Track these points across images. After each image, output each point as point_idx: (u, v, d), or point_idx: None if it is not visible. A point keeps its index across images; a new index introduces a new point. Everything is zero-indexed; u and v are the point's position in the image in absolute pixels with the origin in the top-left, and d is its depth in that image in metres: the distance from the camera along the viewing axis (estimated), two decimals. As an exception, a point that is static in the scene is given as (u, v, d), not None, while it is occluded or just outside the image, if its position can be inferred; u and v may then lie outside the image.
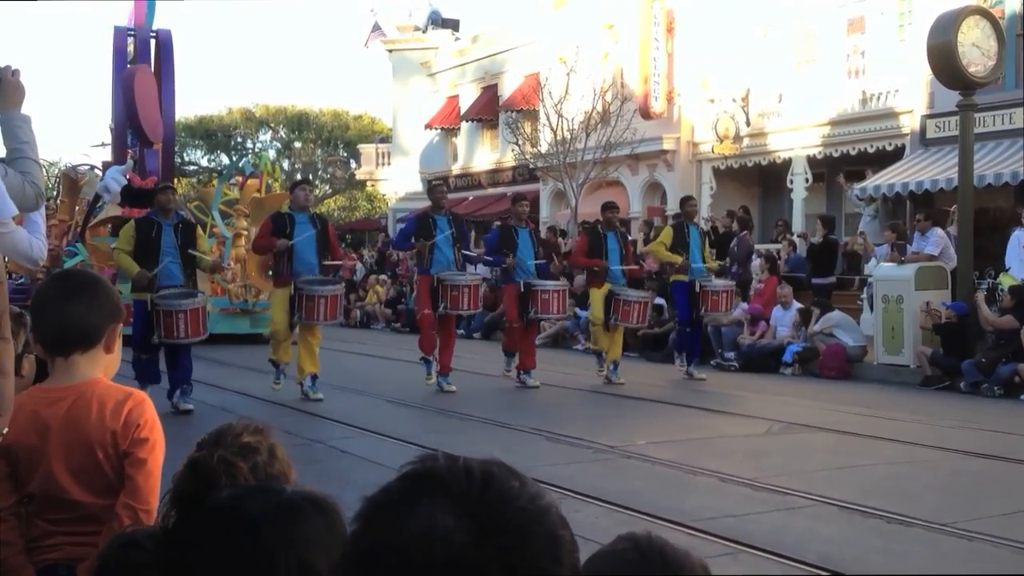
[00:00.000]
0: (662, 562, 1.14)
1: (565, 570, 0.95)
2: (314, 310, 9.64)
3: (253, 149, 46.21)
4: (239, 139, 48.08)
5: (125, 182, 15.91)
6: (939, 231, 13.21)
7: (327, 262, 10.05)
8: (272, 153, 44.53)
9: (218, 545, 1.29)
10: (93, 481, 2.39)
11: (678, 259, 11.75)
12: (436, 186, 11.16)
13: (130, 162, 16.69)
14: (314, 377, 9.86)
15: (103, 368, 2.50)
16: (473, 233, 23.23)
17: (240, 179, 19.65)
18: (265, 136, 48.48)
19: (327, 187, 46.14)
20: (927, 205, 16.44)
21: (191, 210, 19.35)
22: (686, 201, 12.43)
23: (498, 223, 12.96)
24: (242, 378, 11.71)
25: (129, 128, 17.05)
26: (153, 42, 18.03)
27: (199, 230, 10.01)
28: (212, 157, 48.45)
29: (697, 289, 11.63)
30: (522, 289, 10.97)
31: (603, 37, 25.39)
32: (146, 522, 2.29)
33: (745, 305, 14.18)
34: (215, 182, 19.75)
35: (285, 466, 1.79)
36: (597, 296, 11.65)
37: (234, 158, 43.36)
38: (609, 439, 7.54)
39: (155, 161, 16.68)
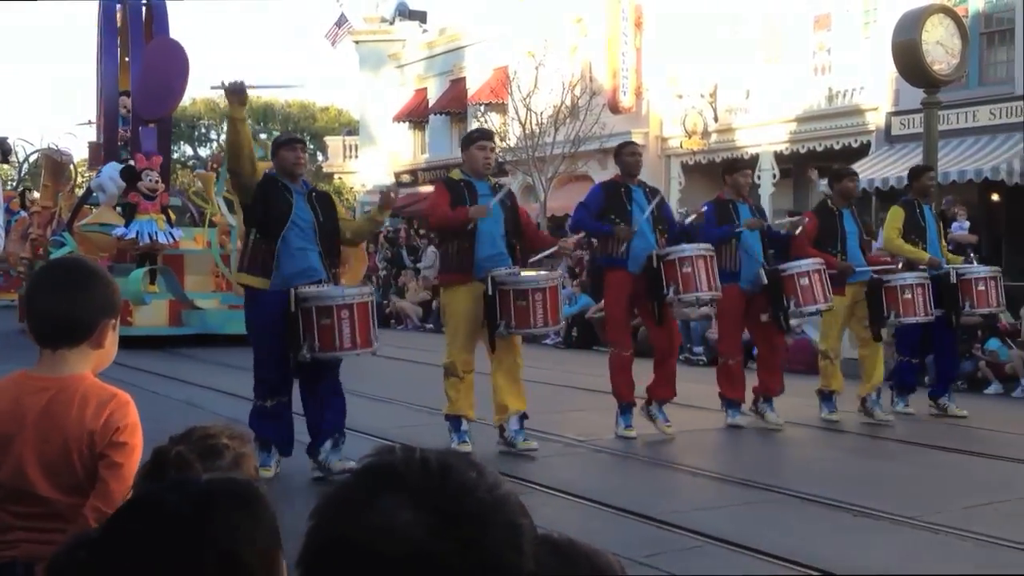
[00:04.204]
0: (587, 564, 1.13)
1: (526, 559, 0.94)
2: (529, 313, 6.60)
3: (217, 140, 45.82)
4: (203, 130, 47.66)
5: (123, 184, 14.90)
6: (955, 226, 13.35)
7: (535, 253, 7.07)
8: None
9: (137, 542, 1.26)
10: (62, 478, 2.32)
11: (925, 256, 8.56)
12: (627, 145, 8.20)
13: (130, 161, 15.58)
14: (523, 417, 6.80)
15: (93, 364, 2.42)
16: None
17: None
18: (230, 127, 48.06)
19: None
20: (892, 201, 16.59)
21: (190, 196, 18.63)
22: (921, 173, 9.01)
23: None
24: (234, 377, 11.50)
25: (129, 106, 16.06)
26: (144, 10, 17.01)
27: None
28: (175, 148, 48.00)
29: (953, 279, 8.54)
30: (654, 264, 7.35)
31: (571, 31, 25.40)
32: None
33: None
34: (219, 167, 18.30)
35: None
36: (830, 314, 8.23)
37: (197, 148, 43.01)
38: (578, 433, 7.55)
39: (152, 140, 15.83)
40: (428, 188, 31.60)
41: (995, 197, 17.82)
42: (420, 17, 34.96)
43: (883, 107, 19.13)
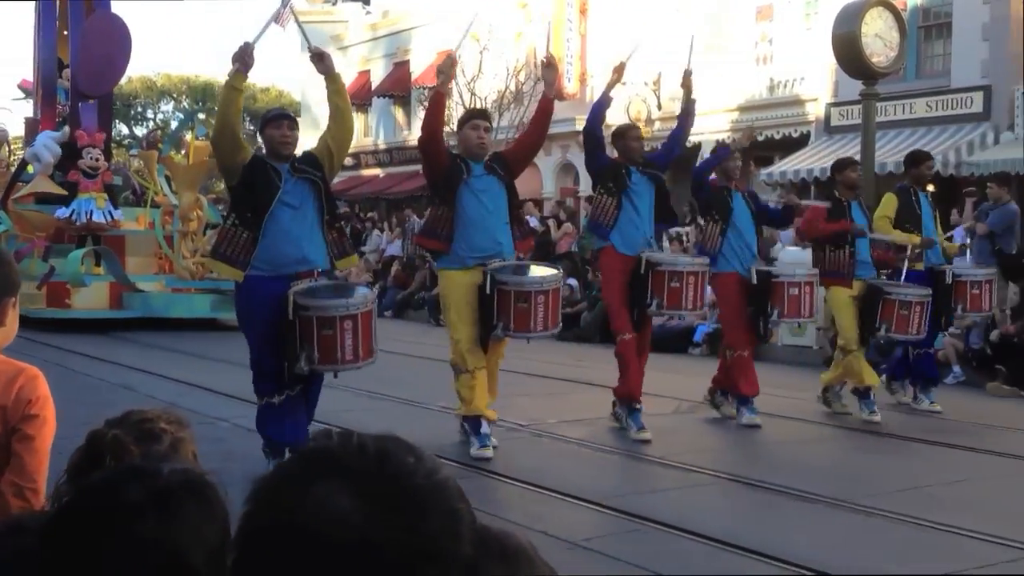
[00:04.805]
0: (499, 550, 1.13)
1: (464, 544, 0.94)
2: (528, 316, 6.10)
3: (154, 119, 45.00)
4: (139, 109, 46.73)
5: (59, 152, 14.31)
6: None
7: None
8: (174, 124, 43.28)
9: (85, 531, 1.24)
10: None
11: (916, 239, 8.39)
12: (631, 128, 7.71)
13: (65, 129, 15.03)
14: (486, 422, 6.34)
15: None
16: (394, 219, 23.09)
17: (191, 141, 16.43)
18: (167, 106, 47.22)
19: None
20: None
21: (133, 176, 18.14)
22: (920, 160, 8.87)
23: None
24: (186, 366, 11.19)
25: (70, 78, 15.38)
26: None
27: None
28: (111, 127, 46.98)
29: (948, 280, 8.32)
30: (642, 271, 6.98)
31: (517, 16, 25.35)
32: (32, 501, 2.22)
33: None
34: (161, 144, 16.88)
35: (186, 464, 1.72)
36: (842, 295, 8.01)
37: (133, 127, 42.12)
38: (520, 417, 7.57)
39: (92, 116, 15.19)
40: (371, 171, 31.41)
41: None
42: (363, -1, 34.69)
43: (823, 98, 19.41)
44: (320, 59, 5.96)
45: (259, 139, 6.04)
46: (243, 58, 5.65)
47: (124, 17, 15.27)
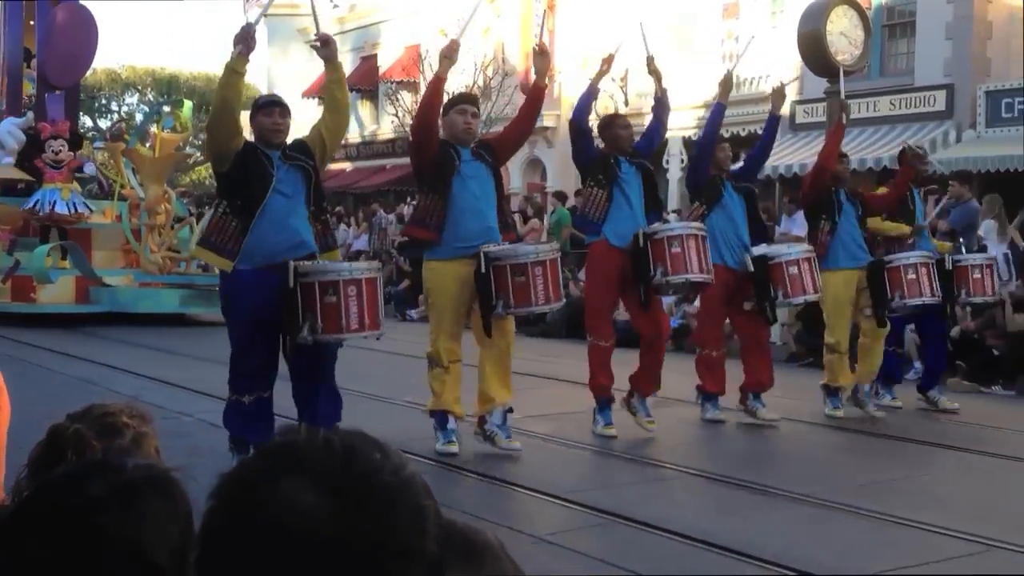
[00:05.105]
0: (465, 547, 1.13)
1: (429, 541, 0.94)
2: (528, 289, 5.92)
3: (119, 112, 44.44)
4: (104, 101, 46.14)
5: (23, 138, 13.96)
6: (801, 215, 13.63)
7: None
8: (139, 117, 42.72)
9: (46, 527, 1.22)
10: None
11: (906, 229, 8.43)
12: (618, 117, 7.65)
13: (30, 114, 14.72)
14: (508, 411, 6.19)
15: None
16: (361, 213, 22.93)
17: (157, 134, 15.88)
18: (132, 99, 46.66)
19: (198, 153, 44.80)
20: (795, 188, 16.99)
21: (100, 170, 17.86)
22: (915, 156, 8.67)
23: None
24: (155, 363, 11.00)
25: (36, 68, 15.24)
26: None
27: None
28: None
29: (949, 266, 8.12)
30: (640, 244, 6.74)
31: (485, 11, 25.31)
32: None
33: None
34: (127, 136, 16.64)
35: (150, 459, 1.71)
36: (839, 286, 7.81)
37: (98, 120, 41.55)
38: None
39: (59, 107, 15.12)
40: (338, 165, 31.21)
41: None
42: (331, -8, 34.41)
43: (788, 95, 19.53)
44: (325, 44, 5.70)
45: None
46: (246, 40, 5.33)
47: (89, 8, 15.12)
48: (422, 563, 0.93)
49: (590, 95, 7.32)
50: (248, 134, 5.63)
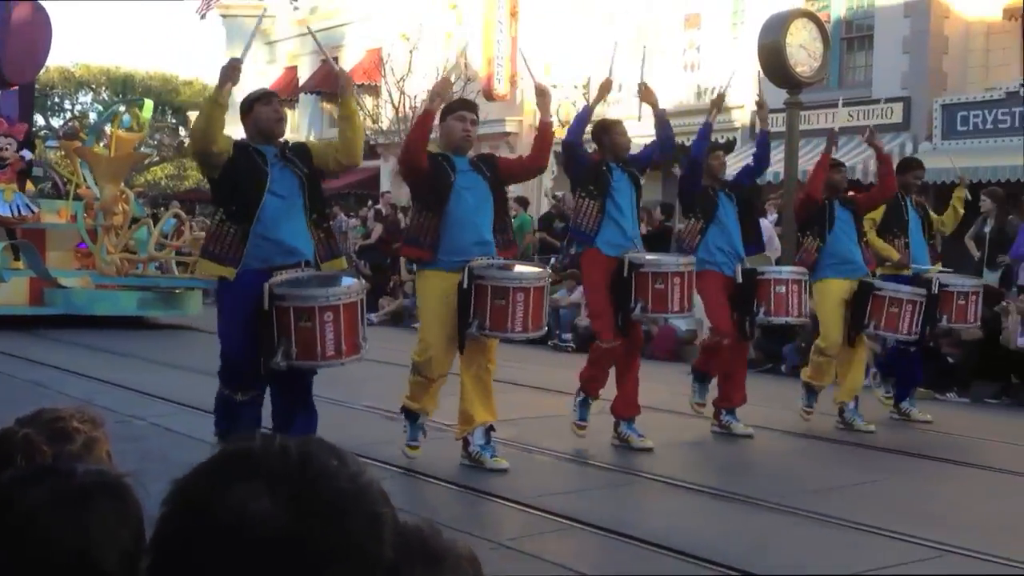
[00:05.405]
0: (424, 553, 1.12)
1: (386, 548, 0.93)
2: (506, 315, 5.73)
3: (72, 111, 43.87)
4: (56, 99, 45.47)
5: None
6: (764, 222, 13.76)
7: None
8: (93, 116, 42.13)
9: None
10: None
11: (895, 254, 8.17)
12: (616, 124, 7.40)
13: None
14: (489, 429, 6.01)
15: None
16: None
17: (114, 133, 15.10)
18: (86, 98, 46.00)
19: (154, 153, 44.33)
20: (755, 197, 17.16)
21: (55, 169, 17.49)
22: (909, 168, 8.52)
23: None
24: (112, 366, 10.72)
25: None
26: None
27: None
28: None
29: (935, 290, 7.92)
30: (625, 273, 6.68)
31: (447, 16, 25.33)
32: None
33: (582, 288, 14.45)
34: (83, 135, 16.24)
35: (101, 464, 1.67)
36: (833, 293, 7.84)
37: (50, 118, 40.97)
38: (446, 418, 7.52)
39: (12, 104, 14.66)
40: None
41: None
42: (292, -7, 34.21)
43: (748, 105, 19.70)
44: (344, 79, 5.63)
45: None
46: (232, 75, 5.26)
47: (44, 5, 14.88)
48: (378, 569, 0.92)
49: (584, 118, 7.37)
50: (241, 134, 5.49)
